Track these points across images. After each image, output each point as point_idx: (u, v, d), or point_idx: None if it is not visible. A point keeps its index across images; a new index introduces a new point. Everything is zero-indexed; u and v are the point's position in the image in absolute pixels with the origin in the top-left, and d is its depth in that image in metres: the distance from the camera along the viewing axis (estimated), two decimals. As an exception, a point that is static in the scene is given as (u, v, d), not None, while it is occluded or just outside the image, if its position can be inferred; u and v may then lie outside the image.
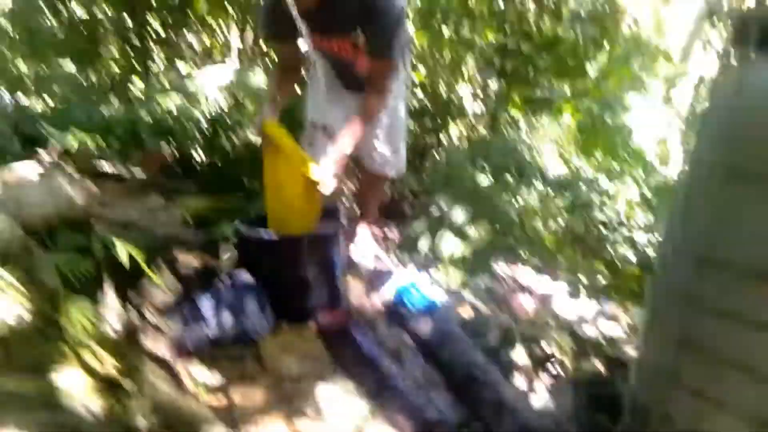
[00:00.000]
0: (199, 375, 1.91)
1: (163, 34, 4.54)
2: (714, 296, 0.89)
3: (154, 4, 4.36)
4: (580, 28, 5.07)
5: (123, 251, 1.80)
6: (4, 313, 1.47)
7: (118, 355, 1.66)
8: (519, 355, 2.19)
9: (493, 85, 4.94)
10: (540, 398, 2.07)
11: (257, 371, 2.01)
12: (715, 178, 0.87)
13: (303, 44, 2.25)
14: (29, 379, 1.37)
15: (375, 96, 2.19)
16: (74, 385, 1.41)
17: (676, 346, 0.98)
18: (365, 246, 2.81)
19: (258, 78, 3.41)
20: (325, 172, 2.08)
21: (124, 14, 4.18)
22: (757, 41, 0.83)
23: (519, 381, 2.11)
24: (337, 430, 1.77)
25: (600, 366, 2.47)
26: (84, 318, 1.60)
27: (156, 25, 4.48)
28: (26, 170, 2.55)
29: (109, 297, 1.85)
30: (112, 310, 1.84)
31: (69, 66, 3.28)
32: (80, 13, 4.10)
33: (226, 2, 4.42)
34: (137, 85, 4.22)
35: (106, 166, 2.82)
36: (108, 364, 1.56)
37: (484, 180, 4.36)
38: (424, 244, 3.24)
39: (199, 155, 3.08)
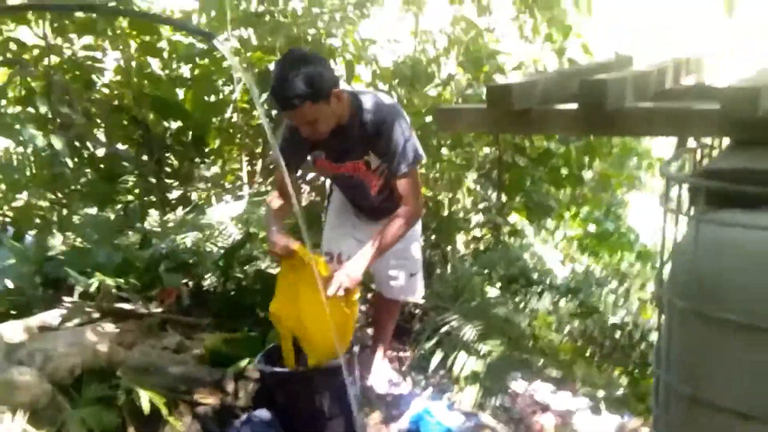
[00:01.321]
0: None
1: (177, 168, 4.83)
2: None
3: (169, 142, 4.67)
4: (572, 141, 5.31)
5: (145, 399, 1.85)
6: (32, 472, 1.50)
7: None
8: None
9: (493, 196, 5.13)
10: None
11: None
12: (687, 324, 0.96)
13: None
14: None
15: (409, 205, 2.25)
16: None
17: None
18: (380, 372, 2.83)
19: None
20: (356, 267, 2.14)
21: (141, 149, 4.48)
22: (706, 200, 0.94)
23: None
24: None
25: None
26: (108, 472, 1.62)
27: (171, 159, 4.78)
28: (52, 318, 2.66)
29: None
30: (133, 460, 1.86)
31: (87, 201, 3.50)
32: (100, 151, 4.39)
33: (237, 137, 4.74)
34: (154, 218, 4.44)
35: (126, 305, 2.92)
36: None
37: (493, 291, 4.42)
38: (436, 362, 3.25)
39: (213, 286, 3.18)
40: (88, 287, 2.87)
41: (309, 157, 2.40)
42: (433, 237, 4.40)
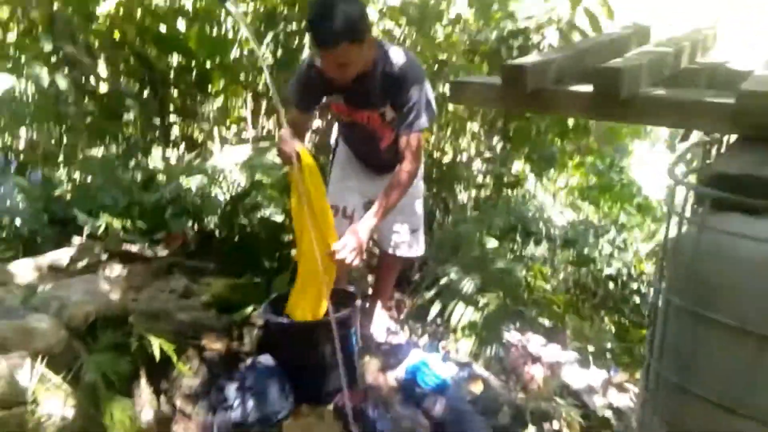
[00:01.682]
0: (225, 462, 2.02)
1: (180, 106, 4.80)
2: (694, 423, 1.01)
3: (173, 79, 4.61)
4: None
5: (156, 346, 1.94)
6: (55, 410, 1.59)
7: (153, 449, 1.78)
8: (529, 434, 2.28)
9: (498, 146, 5.12)
10: (551, 478, 2.16)
11: (280, 456, 2.11)
12: (681, 320, 1.01)
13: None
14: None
15: (409, 164, 2.26)
16: (116, 486, 1.52)
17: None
18: (379, 322, 2.92)
19: (273, 155, 3.60)
20: (362, 232, 2.17)
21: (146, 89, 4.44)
22: (712, 203, 0.98)
23: (531, 461, 2.19)
24: None
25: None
26: (123, 416, 1.72)
27: (174, 96, 4.74)
28: (61, 258, 2.72)
29: (144, 391, 1.98)
30: (146, 403, 1.96)
31: (92, 139, 3.50)
32: (103, 88, 4.34)
33: (242, 76, 4.67)
34: (158, 161, 4.46)
35: (133, 247, 2.98)
36: (144, 461, 1.68)
37: (492, 242, 4.48)
38: (434, 313, 3.35)
39: (218, 232, 3.23)
40: (96, 228, 2.93)
41: (324, 100, 2.39)
42: (434, 189, 4.42)
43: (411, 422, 2.31)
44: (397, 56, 2.18)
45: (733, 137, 1.21)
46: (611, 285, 6.10)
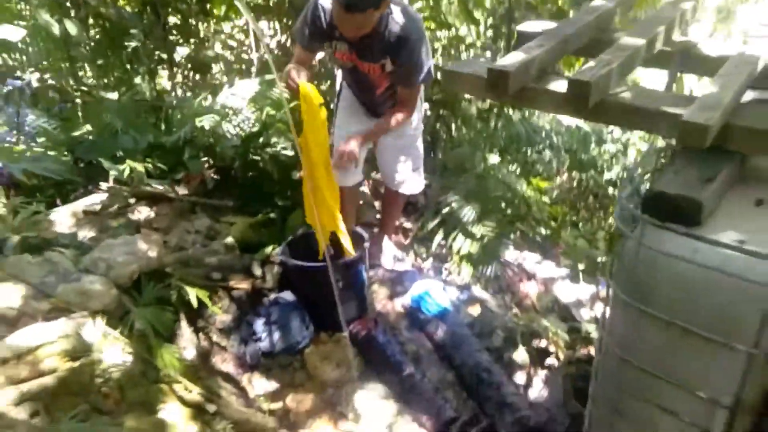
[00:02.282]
0: (258, 386, 2.38)
1: (182, 26, 4.84)
2: (633, 387, 1.30)
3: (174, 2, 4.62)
4: None
5: (193, 295, 2.24)
6: (116, 359, 1.92)
7: (199, 381, 2.13)
8: (519, 354, 2.62)
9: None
10: (536, 391, 2.52)
11: (304, 378, 2.47)
12: (624, 308, 1.26)
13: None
14: (143, 416, 1.84)
15: (401, 113, 2.50)
16: (176, 418, 1.87)
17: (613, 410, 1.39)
18: (387, 251, 3.21)
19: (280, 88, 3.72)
20: (351, 142, 2.41)
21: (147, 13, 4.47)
22: (656, 212, 1.20)
23: (519, 377, 2.55)
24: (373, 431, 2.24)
25: (590, 350, 2.91)
26: (172, 358, 2.05)
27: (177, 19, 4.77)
28: (93, 203, 2.98)
29: (185, 331, 2.30)
30: (188, 342, 2.29)
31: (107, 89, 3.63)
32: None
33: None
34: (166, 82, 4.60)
35: (156, 186, 3.22)
36: (194, 393, 2.02)
37: (494, 158, 4.65)
38: (437, 240, 3.63)
39: (233, 171, 3.45)
40: (121, 173, 3.16)
41: (329, 44, 2.50)
42: (438, 108, 4.53)
43: (416, 345, 2.66)
44: (400, 15, 2.28)
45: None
46: (610, 189, 6.34)
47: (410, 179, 2.94)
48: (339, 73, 2.96)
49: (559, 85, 1.51)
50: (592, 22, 1.78)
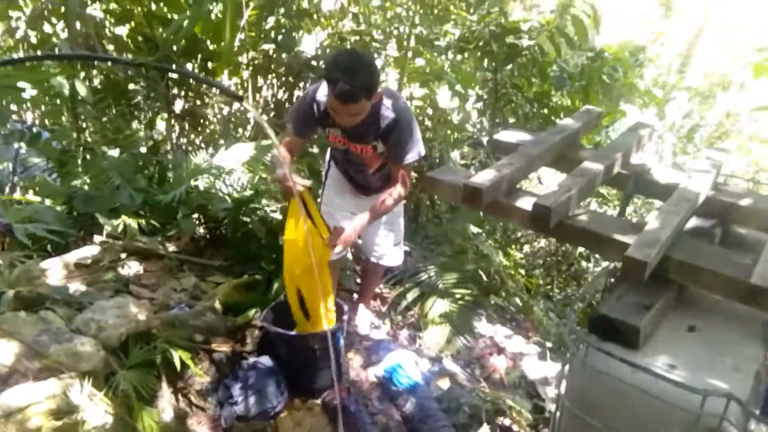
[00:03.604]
0: (231, 450, 2.47)
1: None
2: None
3: (178, 60, 4.85)
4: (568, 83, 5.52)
5: (176, 358, 2.35)
6: (99, 421, 2.01)
7: (175, 445, 2.22)
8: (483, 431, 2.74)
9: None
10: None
11: (276, 445, 2.57)
12: (571, 416, 1.41)
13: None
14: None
15: (398, 191, 2.60)
16: (150, 482, 1.96)
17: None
18: (363, 318, 3.35)
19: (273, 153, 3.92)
20: (349, 232, 2.51)
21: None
22: (600, 332, 1.36)
23: (482, 456, 2.66)
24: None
25: None
26: (152, 421, 2.15)
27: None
28: (85, 256, 3.10)
29: (165, 392, 2.40)
30: (167, 403, 2.39)
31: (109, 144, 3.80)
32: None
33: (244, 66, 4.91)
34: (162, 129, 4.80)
35: (148, 244, 3.34)
36: (169, 457, 2.11)
37: (475, 229, 4.86)
38: (412, 304, 3.78)
39: (223, 230, 3.60)
40: (115, 228, 3.29)
41: (322, 131, 2.68)
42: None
43: (385, 417, 2.77)
44: (390, 101, 2.47)
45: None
46: (584, 263, 6.58)
47: (391, 253, 3.11)
48: (328, 151, 3.16)
49: (526, 203, 1.70)
50: (558, 143, 2.00)
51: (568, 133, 2.04)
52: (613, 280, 1.62)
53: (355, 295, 3.62)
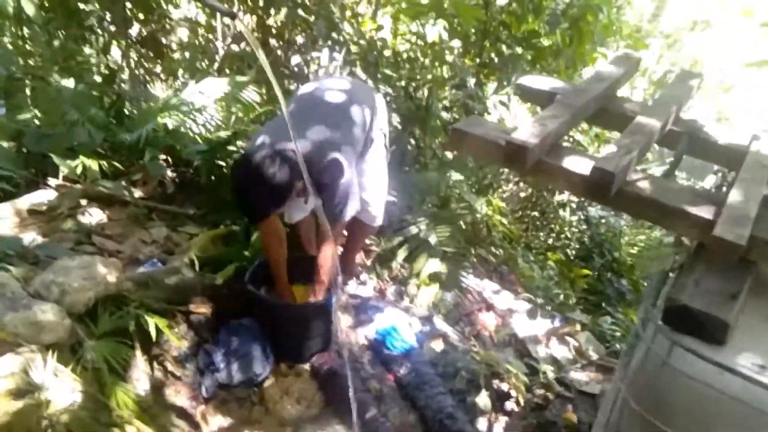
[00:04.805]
0: (213, 422, 2.25)
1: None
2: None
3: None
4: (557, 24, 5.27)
5: (152, 326, 2.08)
6: (66, 400, 1.75)
7: (152, 422, 1.98)
8: (482, 398, 2.59)
9: (471, 81, 5.10)
10: (497, 437, 2.51)
11: (262, 414, 2.36)
12: (633, 417, 1.23)
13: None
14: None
15: (330, 249, 2.47)
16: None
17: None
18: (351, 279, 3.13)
19: (249, 92, 3.55)
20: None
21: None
22: (678, 325, 1.16)
23: (481, 423, 2.52)
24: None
25: (547, 393, 2.92)
26: (126, 397, 1.89)
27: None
28: (39, 201, 2.74)
29: (139, 361, 2.14)
30: (142, 373, 2.13)
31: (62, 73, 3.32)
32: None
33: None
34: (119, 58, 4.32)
35: (111, 189, 2.99)
36: (147, 434, 1.88)
37: (456, 175, 4.62)
38: (400, 259, 3.57)
39: (195, 175, 3.25)
40: (73, 170, 2.91)
41: None
42: (408, 127, 4.45)
43: (378, 382, 2.59)
44: (320, 163, 2.25)
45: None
46: (561, 211, 6.48)
47: (374, 212, 2.87)
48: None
49: (579, 165, 1.45)
50: (601, 93, 1.75)
51: (611, 82, 1.79)
52: (678, 257, 1.41)
53: (340, 249, 3.38)
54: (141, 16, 4.83)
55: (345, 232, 2.95)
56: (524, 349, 3.37)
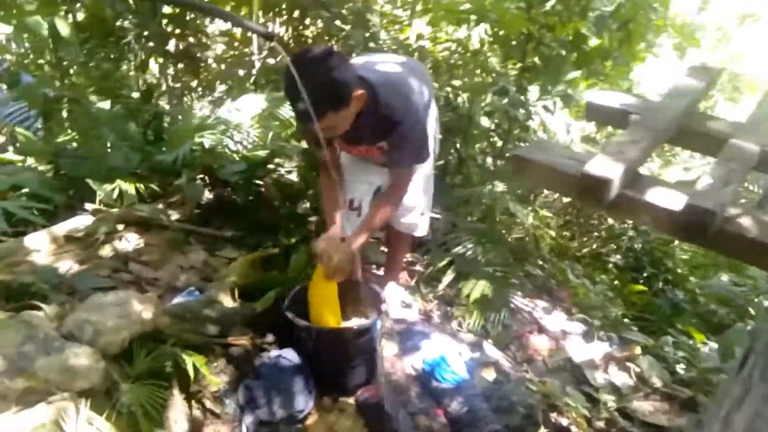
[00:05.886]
0: (255, 463, 2.12)
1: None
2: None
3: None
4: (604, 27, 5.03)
5: (190, 365, 1.96)
6: (97, 451, 1.64)
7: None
8: (540, 436, 2.40)
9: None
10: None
11: (306, 454, 2.22)
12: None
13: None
14: None
15: (393, 196, 2.36)
16: None
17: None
18: (393, 296, 2.96)
19: (287, 109, 3.43)
20: (353, 248, 2.25)
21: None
22: None
23: (540, 465, 2.34)
24: None
25: (610, 429, 2.71)
26: (164, 445, 1.78)
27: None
28: (76, 227, 2.67)
29: (177, 400, 2.02)
30: (180, 413, 2.02)
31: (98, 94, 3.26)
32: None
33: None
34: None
35: (148, 212, 2.90)
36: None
37: (500, 186, 4.42)
38: (446, 281, 3.40)
39: (232, 195, 3.15)
40: (109, 194, 2.84)
41: None
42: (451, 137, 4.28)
43: (427, 418, 2.42)
44: (390, 98, 2.10)
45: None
46: (609, 219, 6.18)
47: (417, 223, 2.72)
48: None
49: (665, 199, 1.26)
50: (682, 111, 1.55)
51: (692, 98, 1.59)
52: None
53: (382, 270, 3.23)
54: (177, 31, 4.80)
55: (387, 245, 2.79)
56: (581, 375, 3.15)
